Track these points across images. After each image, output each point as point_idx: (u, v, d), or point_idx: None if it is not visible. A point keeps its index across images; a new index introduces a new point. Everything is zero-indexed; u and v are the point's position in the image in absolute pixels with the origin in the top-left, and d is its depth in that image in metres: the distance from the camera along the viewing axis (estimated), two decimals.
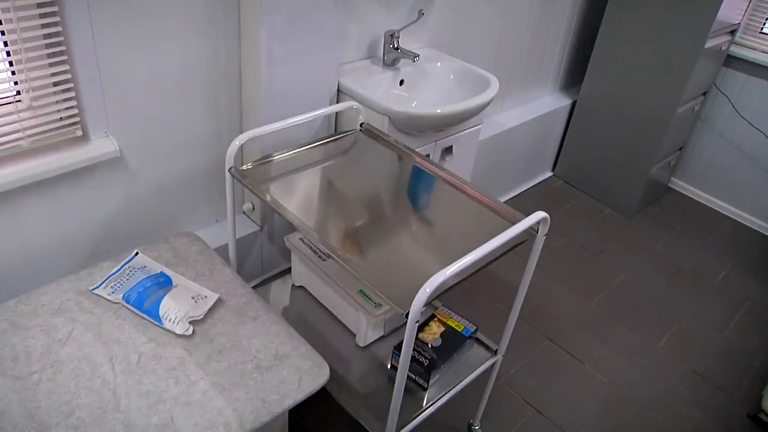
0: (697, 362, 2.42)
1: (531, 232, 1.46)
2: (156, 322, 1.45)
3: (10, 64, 1.44)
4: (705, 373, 2.37)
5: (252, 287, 1.83)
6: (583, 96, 3.22)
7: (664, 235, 3.16)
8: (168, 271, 1.59)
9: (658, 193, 3.43)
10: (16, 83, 1.47)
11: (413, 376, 1.64)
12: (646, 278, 2.83)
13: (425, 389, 1.63)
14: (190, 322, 1.45)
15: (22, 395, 1.26)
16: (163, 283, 1.55)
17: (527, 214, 1.44)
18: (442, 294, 1.23)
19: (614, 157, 3.20)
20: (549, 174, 3.56)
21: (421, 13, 2.15)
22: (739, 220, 3.37)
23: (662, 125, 2.94)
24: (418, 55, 2.08)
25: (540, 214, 1.42)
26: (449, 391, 1.64)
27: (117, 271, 1.58)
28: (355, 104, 1.81)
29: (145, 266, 1.60)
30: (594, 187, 3.37)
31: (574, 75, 3.42)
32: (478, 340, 1.80)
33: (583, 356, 2.38)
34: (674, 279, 2.85)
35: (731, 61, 3.10)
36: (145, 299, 1.48)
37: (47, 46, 1.46)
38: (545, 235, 1.47)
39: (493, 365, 1.78)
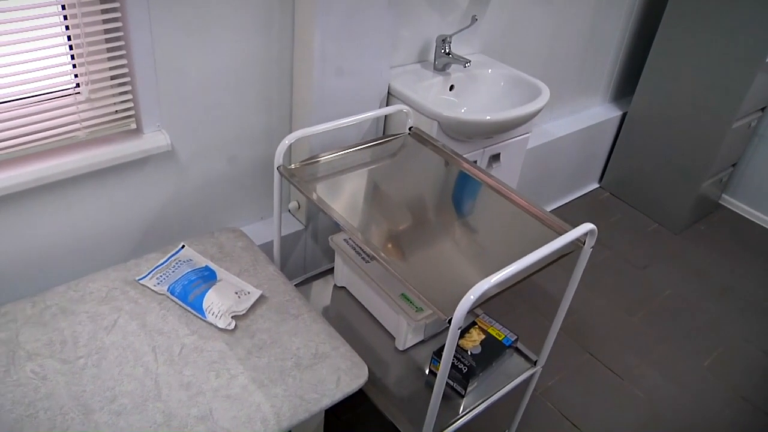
0: (743, 387, 2.35)
1: (578, 243, 1.44)
2: (199, 315, 1.47)
3: (72, 57, 1.48)
4: (752, 399, 2.30)
5: (294, 285, 1.84)
6: (635, 107, 3.16)
7: (713, 252, 3.08)
8: (213, 266, 1.61)
9: (707, 210, 3.34)
10: (76, 76, 1.51)
11: (451, 383, 1.63)
12: (692, 296, 2.77)
13: (462, 396, 1.62)
14: (232, 317, 1.47)
15: (68, 378, 1.29)
16: (208, 276, 1.57)
17: (573, 226, 1.43)
18: (485, 302, 1.22)
19: (664, 171, 3.13)
20: (595, 185, 3.51)
21: (474, 19, 2.14)
22: None
23: (716, 140, 2.87)
24: (470, 61, 2.07)
25: (588, 226, 1.40)
26: (486, 399, 1.63)
27: (163, 263, 1.61)
28: (404, 108, 1.81)
29: (191, 259, 1.63)
30: (641, 200, 3.31)
31: (626, 86, 3.36)
32: (517, 350, 1.78)
33: (623, 372, 2.33)
34: (722, 299, 2.78)
35: None
36: (190, 292, 1.51)
37: (107, 41, 1.50)
38: (592, 247, 1.45)
39: (531, 376, 1.76)
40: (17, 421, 1.20)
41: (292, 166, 1.64)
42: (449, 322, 1.17)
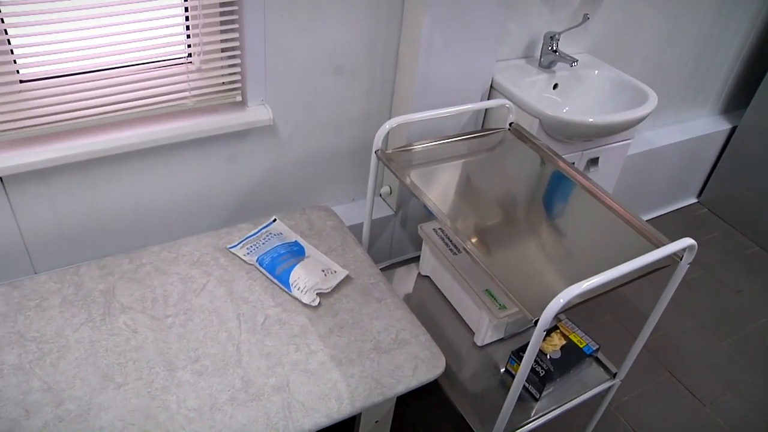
0: None
1: (674, 258, 1.39)
2: (285, 289, 1.50)
3: (187, 28, 1.53)
4: None
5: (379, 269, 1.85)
6: (746, 122, 3.00)
7: None
8: (302, 241, 1.64)
9: None
10: (189, 46, 1.56)
11: (527, 385, 1.60)
12: None
13: (537, 400, 1.59)
14: (317, 294, 1.49)
15: (157, 334, 1.35)
16: (297, 252, 1.60)
17: (669, 239, 1.37)
18: (572, 308, 1.19)
19: None
20: (693, 200, 3.36)
21: (586, 18, 2.08)
22: None
23: None
24: (577, 61, 2.01)
25: (687, 241, 1.34)
26: (560, 406, 1.59)
27: (254, 234, 1.65)
28: (507, 103, 1.78)
29: (281, 233, 1.66)
30: (742, 221, 3.14)
31: (739, 99, 3.19)
32: (597, 360, 1.73)
33: (706, 398, 2.23)
34: None
35: None
36: (278, 265, 1.54)
37: (221, 14, 1.54)
38: (689, 264, 1.39)
39: (609, 388, 1.71)
40: (109, 368, 1.27)
41: (389, 151, 1.65)
42: (535, 323, 1.15)
